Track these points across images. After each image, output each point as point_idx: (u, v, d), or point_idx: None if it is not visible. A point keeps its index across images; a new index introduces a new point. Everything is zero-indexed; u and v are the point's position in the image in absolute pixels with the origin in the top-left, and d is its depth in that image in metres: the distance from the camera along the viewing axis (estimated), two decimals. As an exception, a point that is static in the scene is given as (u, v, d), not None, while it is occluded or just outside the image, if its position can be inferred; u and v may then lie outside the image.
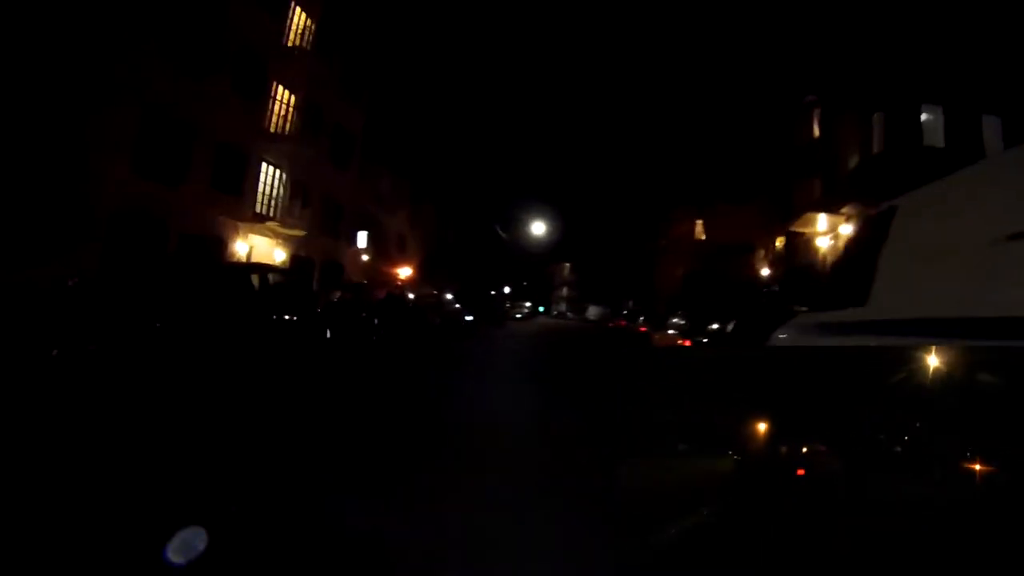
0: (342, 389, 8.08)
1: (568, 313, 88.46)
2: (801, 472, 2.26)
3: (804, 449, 2.25)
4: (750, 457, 2.46)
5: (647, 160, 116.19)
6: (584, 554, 3.23)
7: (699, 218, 45.75)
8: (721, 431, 2.63)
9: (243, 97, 21.48)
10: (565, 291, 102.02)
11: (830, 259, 22.62)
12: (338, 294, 17.31)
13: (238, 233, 22.16)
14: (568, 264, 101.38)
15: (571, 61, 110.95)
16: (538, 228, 51.73)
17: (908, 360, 2.21)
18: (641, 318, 35.76)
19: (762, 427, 2.55)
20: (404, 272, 37.55)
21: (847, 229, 20.60)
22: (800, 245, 25.61)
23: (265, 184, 23.50)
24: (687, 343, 13.15)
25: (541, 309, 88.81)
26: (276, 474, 4.30)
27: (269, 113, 23.46)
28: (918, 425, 2.01)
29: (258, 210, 22.95)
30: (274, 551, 3.09)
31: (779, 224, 28.99)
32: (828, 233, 22.88)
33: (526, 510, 3.87)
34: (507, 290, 61.85)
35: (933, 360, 2.11)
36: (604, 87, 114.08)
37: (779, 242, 32.27)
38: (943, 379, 2.04)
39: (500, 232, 54.91)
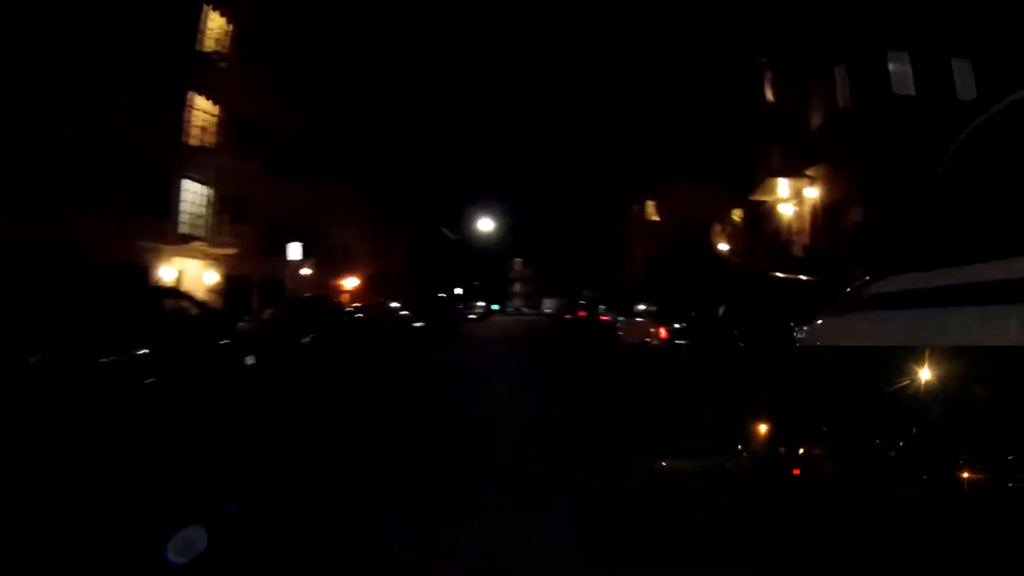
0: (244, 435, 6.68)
1: (524, 309, 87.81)
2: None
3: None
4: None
5: (599, 144, 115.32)
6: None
7: (652, 199, 45.32)
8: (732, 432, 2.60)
9: (157, 111, 19.75)
10: (519, 287, 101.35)
11: (795, 226, 22.23)
12: (270, 312, 15.84)
13: (162, 257, 20.46)
14: (520, 259, 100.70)
15: (514, 40, 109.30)
16: (486, 225, 50.74)
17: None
18: (602, 307, 34.15)
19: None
20: (350, 283, 36.02)
21: (812, 192, 20.19)
22: (763, 214, 25.13)
23: (190, 202, 21.79)
24: (663, 333, 11.69)
25: (495, 308, 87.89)
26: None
27: (188, 126, 21.74)
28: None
29: (183, 231, 21.26)
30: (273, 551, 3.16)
31: (740, 196, 28.27)
32: (791, 199, 22.36)
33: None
34: (459, 291, 60.71)
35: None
36: (549, 67, 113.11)
37: (736, 214, 32.08)
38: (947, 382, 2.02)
39: (448, 233, 53.64)
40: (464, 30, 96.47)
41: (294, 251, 26.52)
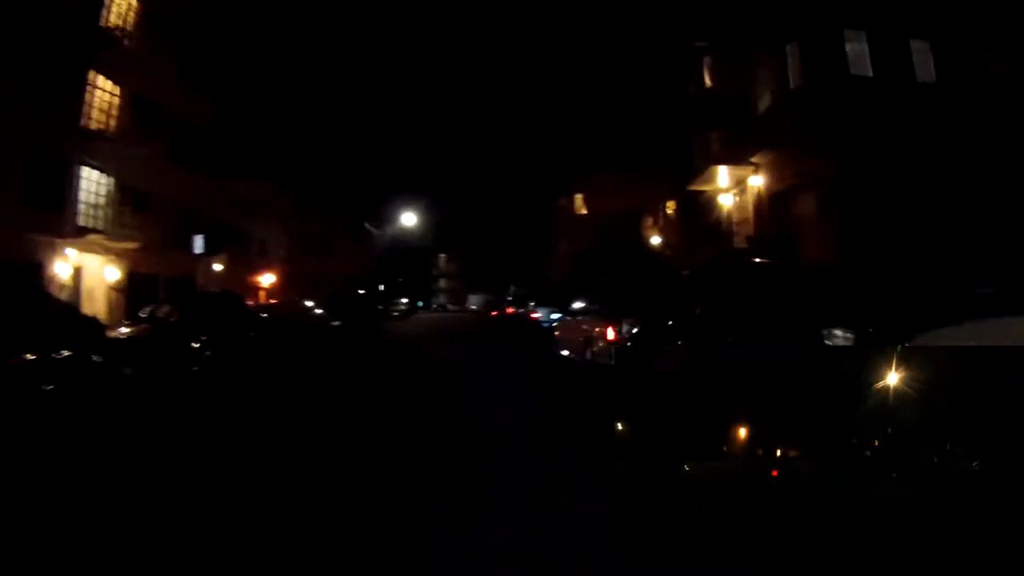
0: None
1: (448, 305, 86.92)
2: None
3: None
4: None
5: (526, 135, 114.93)
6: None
7: (580, 191, 45.11)
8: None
9: (53, 92, 18.01)
10: (444, 283, 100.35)
11: (736, 216, 22.01)
12: (165, 310, 14.52)
13: (57, 253, 18.70)
14: (444, 255, 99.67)
15: (438, 25, 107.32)
16: (410, 219, 49.56)
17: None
18: (531, 303, 33.35)
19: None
20: (267, 280, 34.44)
21: (757, 181, 19.64)
22: (701, 205, 24.45)
23: (88, 192, 20.04)
24: (611, 334, 10.31)
25: (420, 304, 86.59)
26: None
27: (88, 108, 19.97)
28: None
29: (81, 223, 19.53)
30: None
31: (674, 187, 27.57)
32: (732, 189, 21.80)
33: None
34: (382, 288, 59.31)
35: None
36: (475, 51, 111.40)
37: (670, 206, 31.99)
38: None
39: (370, 227, 52.19)
40: (388, 14, 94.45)
41: (198, 244, 24.91)
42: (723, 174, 21.61)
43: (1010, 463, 2.01)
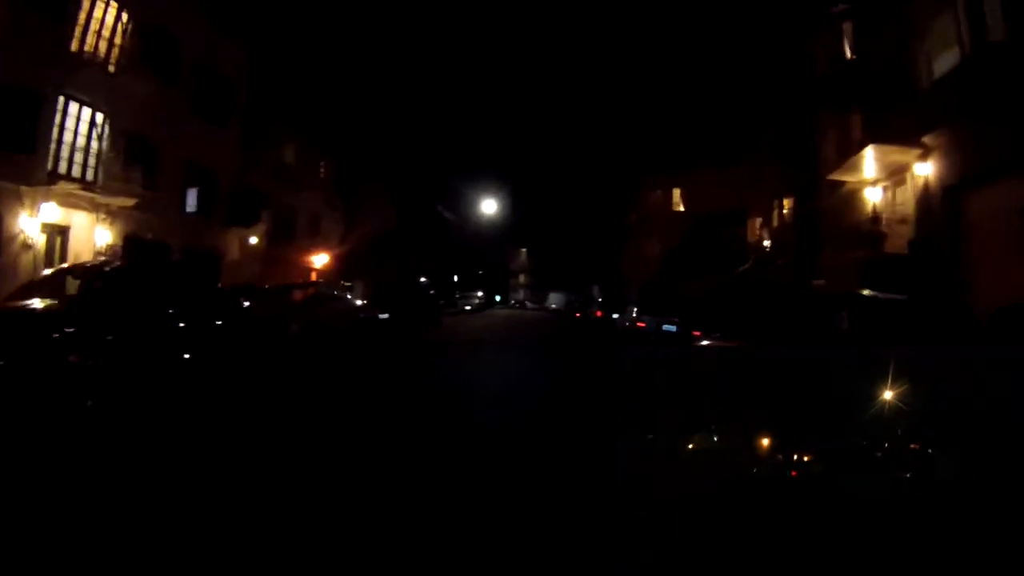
0: None
1: (527, 303, 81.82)
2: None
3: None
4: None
5: (615, 122, 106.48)
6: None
7: (676, 186, 39.83)
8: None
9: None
10: (523, 278, 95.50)
11: (888, 214, 16.44)
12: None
13: (25, 206, 14.85)
14: (524, 250, 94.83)
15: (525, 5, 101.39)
16: (490, 207, 44.97)
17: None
18: (633, 309, 26.18)
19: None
20: (319, 260, 30.42)
21: (925, 169, 14.28)
22: (836, 200, 19.18)
23: (71, 131, 16.14)
24: None
25: (498, 299, 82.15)
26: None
27: (81, 29, 16.09)
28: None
29: (58, 169, 15.67)
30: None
31: (790, 182, 23.55)
32: (885, 180, 16.50)
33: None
34: (456, 279, 55.08)
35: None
36: (563, 31, 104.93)
37: (787, 204, 26.45)
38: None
39: (445, 213, 47.93)
40: None
41: (191, 201, 20.71)
42: (871, 161, 16.13)
43: (1010, 463, 2.06)
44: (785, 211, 26.91)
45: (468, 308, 43.00)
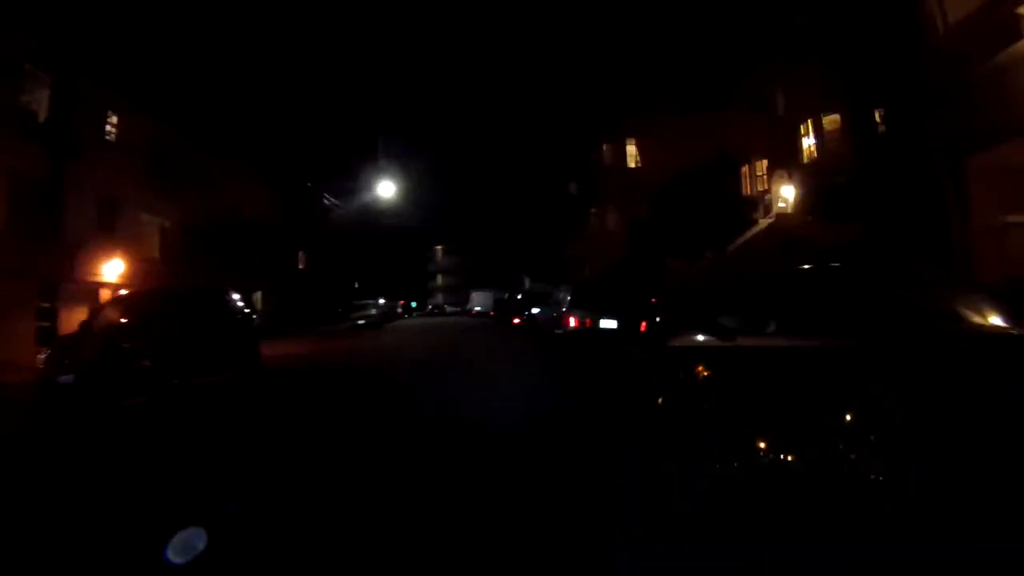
0: None
1: (446, 307, 71.23)
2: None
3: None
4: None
5: (548, 67, 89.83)
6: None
7: (633, 136, 31.25)
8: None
9: None
10: (440, 279, 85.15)
11: None
12: None
13: None
14: (440, 247, 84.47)
15: None
16: (387, 190, 34.64)
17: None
18: (564, 298, 15.48)
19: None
20: (113, 269, 19.36)
21: None
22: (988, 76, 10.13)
23: None
24: None
25: (414, 304, 71.37)
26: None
27: None
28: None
29: None
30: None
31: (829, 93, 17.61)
32: None
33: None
34: (357, 285, 44.38)
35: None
36: None
37: (827, 122, 18.70)
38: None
39: (330, 200, 37.12)
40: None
41: None
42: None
43: (1010, 463, 1.94)
44: (827, 127, 18.96)
45: (362, 323, 32.47)
